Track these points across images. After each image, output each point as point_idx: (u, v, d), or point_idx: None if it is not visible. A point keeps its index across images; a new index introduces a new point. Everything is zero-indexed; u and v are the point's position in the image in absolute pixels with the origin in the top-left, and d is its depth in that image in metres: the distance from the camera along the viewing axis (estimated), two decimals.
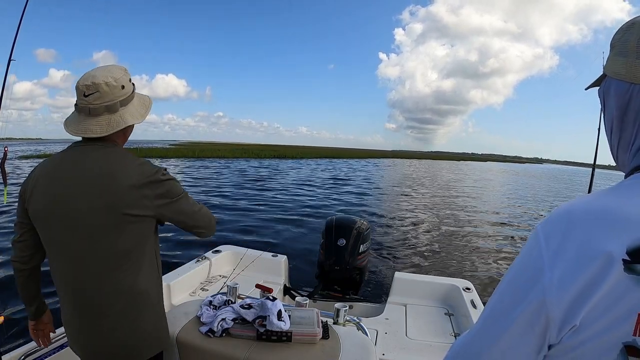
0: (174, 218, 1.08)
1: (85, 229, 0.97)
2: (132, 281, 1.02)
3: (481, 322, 0.49)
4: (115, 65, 1.06)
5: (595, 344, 0.40)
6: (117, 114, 1.02)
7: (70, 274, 1.02)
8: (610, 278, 0.38)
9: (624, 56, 0.49)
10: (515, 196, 17.02)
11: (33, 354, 1.47)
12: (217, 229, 1.24)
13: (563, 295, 0.40)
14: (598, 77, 0.57)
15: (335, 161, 43.22)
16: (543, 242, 0.44)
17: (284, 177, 18.40)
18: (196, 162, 27.28)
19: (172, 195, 1.05)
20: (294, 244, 6.11)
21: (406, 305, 2.54)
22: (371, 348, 1.19)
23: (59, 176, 0.99)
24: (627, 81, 0.49)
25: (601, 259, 0.39)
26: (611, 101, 0.53)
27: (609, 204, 0.43)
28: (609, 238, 0.40)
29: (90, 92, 0.98)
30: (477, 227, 8.85)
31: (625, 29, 0.50)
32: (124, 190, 0.96)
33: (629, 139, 0.51)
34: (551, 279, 0.41)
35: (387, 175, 25.87)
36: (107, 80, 0.99)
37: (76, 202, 0.96)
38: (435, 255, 6.14)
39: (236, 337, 1.19)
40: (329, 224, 3.01)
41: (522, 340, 0.43)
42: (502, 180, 29.48)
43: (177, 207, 1.07)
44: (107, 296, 1.01)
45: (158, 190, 1.01)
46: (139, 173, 0.99)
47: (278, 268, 2.91)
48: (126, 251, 1.00)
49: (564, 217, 0.44)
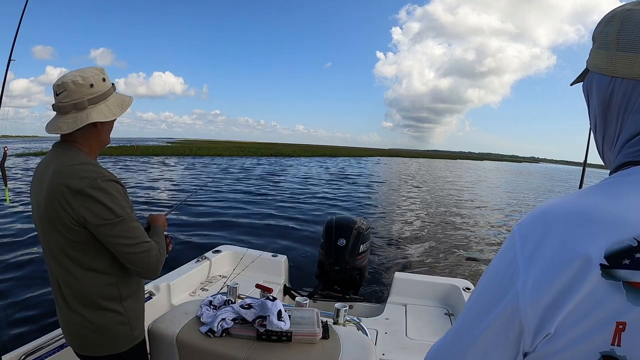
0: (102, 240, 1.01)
1: (48, 232, 1.02)
2: (96, 277, 1.04)
3: (455, 328, 0.47)
4: (91, 67, 1.08)
5: (571, 353, 0.37)
6: (84, 112, 1.03)
7: (51, 271, 1.09)
8: (587, 283, 0.36)
9: (605, 49, 0.48)
10: (515, 196, 17.01)
11: (33, 354, 1.47)
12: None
13: (537, 301, 0.38)
14: (581, 72, 0.55)
15: (333, 159, 43.30)
16: (518, 245, 0.41)
17: (283, 176, 18.39)
18: (194, 160, 27.31)
19: (99, 216, 0.97)
20: (294, 244, 6.10)
21: (406, 305, 2.54)
22: (371, 348, 1.19)
23: (35, 180, 1.08)
24: (608, 75, 0.47)
25: (577, 263, 0.37)
26: (594, 96, 0.51)
27: (587, 204, 0.40)
28: (587, 241, 0.37)
29: (60, 91, 1.02)
30: (477, 226, 8.85)
31: (606, 21, 0.48)
32: (66, 196, 0.97)
33: (612, 135, 0.49)
34: (525, 284, 0.39)
35: (385, 174, 25.86)
36: (74, 79, 1.01)
37: (41, 207, 1.02)
38: (436, 255, 6.14)
39: (236, 337, 1.19)
40: (329, 223, 3.01)
41: (496, 347, 0.42)
42: (501, 179, 29.48)
43: (102, 232, 0.99)
44: (77, 292, 1.05)
45: (86, 204, 0.97)
46: (77, 179, 0.98)
47: (278, 268, 2.91)
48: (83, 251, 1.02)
49: (540, 219, 0.42)
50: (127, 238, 1.01)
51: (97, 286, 1.05)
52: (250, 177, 17.24)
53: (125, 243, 1.01)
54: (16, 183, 11.08)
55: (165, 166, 21.23)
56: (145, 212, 7.87)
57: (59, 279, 1.06)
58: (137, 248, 1.02)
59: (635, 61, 0.44)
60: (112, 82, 1.12)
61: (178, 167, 21.18)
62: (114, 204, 0.99)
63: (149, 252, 1.04)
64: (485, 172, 41.49)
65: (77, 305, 1.05)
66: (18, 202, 7.80)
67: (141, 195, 10.22)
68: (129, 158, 25.59)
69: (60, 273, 1.05)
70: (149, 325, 1.22)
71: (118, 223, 0.99)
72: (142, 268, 1.04)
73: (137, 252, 1.02)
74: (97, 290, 1.05)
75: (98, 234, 0.99)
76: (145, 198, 9.83)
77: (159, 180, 13.67)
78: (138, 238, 1.03)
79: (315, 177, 19.51)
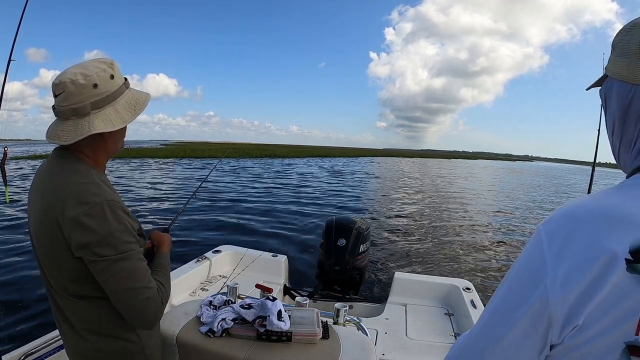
0: (96, 276, 0.84)
1: (45, 252, 0.87)
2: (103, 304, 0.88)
3: (484, 321, 0.49)
4: (98, 59, 0.89)
5: (597, 343, 0.40)
6: (86, 119, 0.84)
7: (50, 292, 0.94)
8: (613, 277, 0.39)
9: (626, 57, 0.49)
10: (515, 195, 17.00)
11: (33, 354, 1.47)
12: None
13: (566, 295, 0.40)
14: (599, 77, 0.57)
15: (327, 160, 43.21)
16: (545, 242, 0.44)
17: (281, 176, 18.40)
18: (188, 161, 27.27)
19: (93, 252, 0.81)
20: (294, 244, 6.10)
21: (406, 305, 2.54)
22: (371, 348, 1.19)
23: (33, 189, 0.93)
24: (629, 82, 0.49)
25: (604, 258, 0.39)
26: (613, 102, 0.53)
27: (611, 203, 0.43)
28: (612, 237, 0.40)
29: (58, 91, 0.84)
30: (477, 226, 8.84)
31: (628, 29, 0.50)
32: (59, 221, 0.82)
33: (630, 140, 0.51)
34: (554, 279, 0.41)
35: (383, 174, 25.84)
36: (74, 77, 0.82)
37: (37, 224, 0.88)
38: (436, 255, 6.13)
39: (236, 337, 1.19)
40: (329, 224, 3.01)
41: (525, 340, 0.44)
42: (501, 178, 29.45)
43: (96, 268, 0.82)
44: (82, 319, 0.91)
45: (80, 235, 0.80)
46: (72, 204, 0.81)
47: (278, 268, 2.91)
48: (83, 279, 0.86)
49: (566, 217, 0.44)
50: (125, 280, 0.83)
51: (104, 313, 0.90)
52: (249, 177, 17.25)
53: (122, 287, 0.83)
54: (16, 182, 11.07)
55: (160, 169, 21.08)
56: (141, 218, 7.84)
57: (60, 303, 0.91)
58: (136, 294, 0.84)
59: None
60: (124, 77, 0.92)
61: (173, 170, 21.08)
62: (115, 237, 0.82)
63: (147, 301, 0.85)
64: (480, 170, 41.54)
65: (85, 332, 0.91)
66: (18, 202, 7.80)
67: (138, 202, 9.98)
68: (122, 161, 25.33)
69: (60, 298, 0.90)
70: None
71: (117, 261, 0.82)
72: (136, 318, 0.86)
73: (134, 298, 0.84)
74: (105, 318, 0.90)
75: (91, 269, 0.83)
76: (143, 205, 9.56)
77: (156, 184, 13.50)
78: (139, 282, 0.84)
79: (314, 177, 19.51)
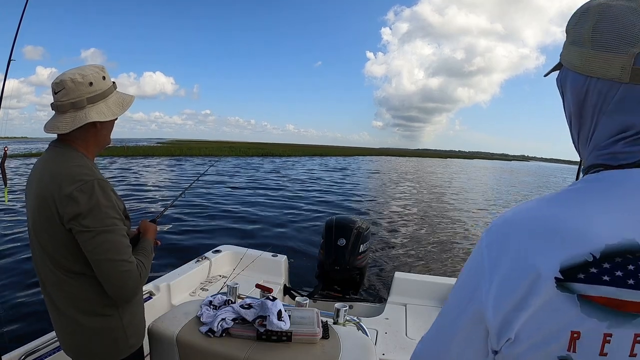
0: (82, 247, 0.95)
1: (40, 235, 1.00)
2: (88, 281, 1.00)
3: (434, 329, 0.50)
4: (91, 65, 1.06)
5: (532, 356, 0.39)
6: (83, 111, 1.00)
7: (39, 274, 1.06)
8: (541, 295, 0.37)
9: (579, 46, 0.45)
10: (514, 194, 17.01)
11: (33, 354, 1.47)
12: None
13: (498, 308, 0.40)
14: (555, 64, 0.52)
15: (324, 159, 43.22)
16: (485, 251, 0.43)
17: (279, 176, 18.39)
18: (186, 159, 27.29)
19: (81, 223, 0.92)
20: (294, 244, 6.11)
21: (406, 305, 2.54)
22: (371, 348, 1.19)
23: (30, 180, 1.06)
24: (583, 74, 0.45)
25: (532, 276, 0.38)
26: (568, 94, 0.49)
27: (549, 214, 0.40)
28: (542, 254, 0.38)
29: (58, 89, 0.99)
30: (477, 226, 8.85)
31: (580, 14, 0.45)
32: (55, 198, 0.94)
33: (587, 134, 0.48)
34: (488, 291, 0.41)
35: (382, 173, 25.84)
36: (73, 77, 0.98)
37: (34, 208, 1.00)
38: (436, 255, 6.14)
39: (236, 337, 1.19)
40: (329, 223, 3.01)
41: (469, 345, 0.45)
42: (499, 178, 29.47)
43: (82, 239, 0.94)
44: (68, 296, 1.02)
45: (71, 208, 0.92)
46: (67, 182, 0.94)
47: (278, 268, 2.91)
48: (74, 255, 0.98)
49: (502, 227, 0.43)
50: (107, 251, 0.94)
51: (90, 291, 1.00)
52: (249, 177, 17.24)
53: (103, 257, 0.93)
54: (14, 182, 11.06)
55: (156, 166, 21.14)
56: (135, 212, 7.85)
57: (47, 283, 1.03)
58: (116, 265, 0.94)
59: (612, 62, 0.41)
60: (112, 80, 1.09)
61: (168, 167, 21.12)
62: (101, 212, 0.93)
63: (127, 273, 0.96)
64: (476, 169, 41.49)
65: (68, 309, 1.02)
66: (17, 202, 7.79)
67: (132, 197, 10.09)
68: (119, 159, 25.41)
69: (49, 276, 1.01)
70: (149, 325, 1.22)
71: (101, 232, 0.93)
72: (115, 289, 0.96)
73: (115, 269, 0.94)
74: (89, 295, 1.00)
75: (79, 240, 0.94)
76: (136, 200, 9.68)
77: (150, 181, 13.60)
78: (120, 255, 0.95)
79: (313, 177, 19.50)
